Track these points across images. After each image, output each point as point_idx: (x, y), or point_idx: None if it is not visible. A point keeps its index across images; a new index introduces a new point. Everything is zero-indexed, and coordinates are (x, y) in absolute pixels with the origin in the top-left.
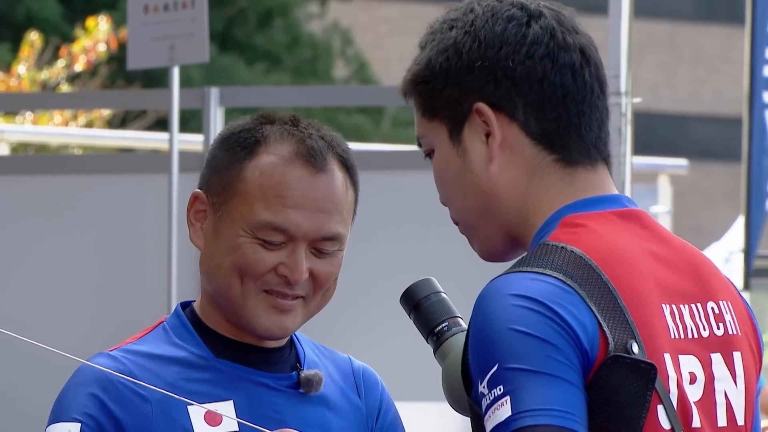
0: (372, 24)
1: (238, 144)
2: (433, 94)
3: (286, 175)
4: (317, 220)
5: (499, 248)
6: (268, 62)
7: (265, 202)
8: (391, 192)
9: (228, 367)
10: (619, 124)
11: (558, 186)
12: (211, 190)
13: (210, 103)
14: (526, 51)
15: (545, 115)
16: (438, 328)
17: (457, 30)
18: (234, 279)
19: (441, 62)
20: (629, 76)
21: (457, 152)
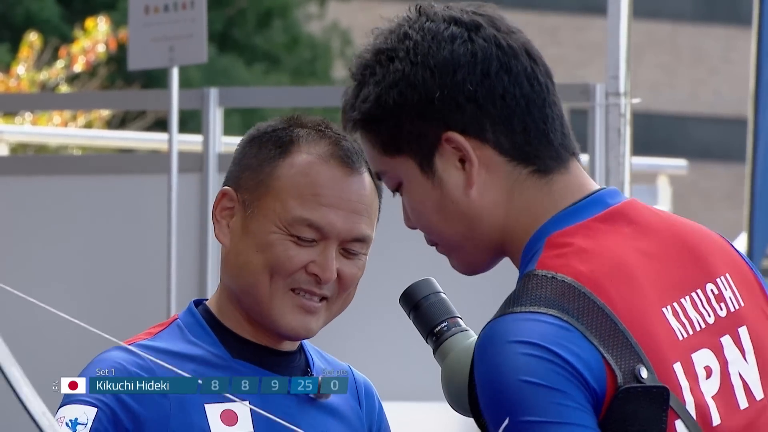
0: (371, 24)
1: (272, 142)
2: (391, 131)
3: (322, 174)
4: (350, 220)
5: (483, 264)
6: (267, 63)
7: (301, 199)
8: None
9: (244, 368)
10: (618, 124)
11: (538, 198)
12: (241, 187)
13: (209, 103)
14: (480, 69)
15: (513, 128)
16: (437, 328)
17: (400, 61)
18: (263, 276)
19: (394, 98)
20: (628, 76)
21: (432, 183)
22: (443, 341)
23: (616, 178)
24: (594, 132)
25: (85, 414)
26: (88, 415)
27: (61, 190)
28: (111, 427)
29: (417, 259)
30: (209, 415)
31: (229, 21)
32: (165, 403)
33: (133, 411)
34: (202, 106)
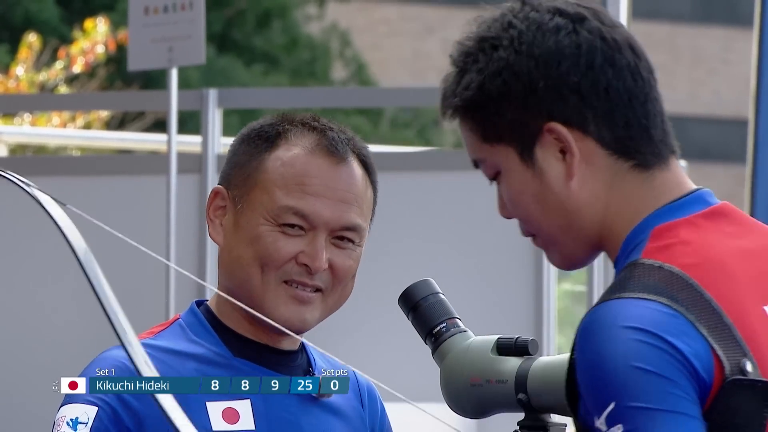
0: (370, 25)
1: (259, 137)
2: (492, 119)
3: (308, 164)
4: (338, 209)
5: (581, 258)
6: (266, 63)
7: (286, 189)
8: (390, 193)
9: (246, 367)
10: None
11: (639, 192)
12: (231, 184)
13: (208, 104)
14: (585, 61)
15: (616, 122)
16: (436, 329)
17: (504, 50)
18: (254, 269)
19: (498, 86)
20: None
21: (533, 173)
22: (442, 342)
23: None
24: None
25: (85, 413)
26: (88, 414)
27: (60, 191)
28: (112, 425)
29: (417, 260)
30: (210, 413)
31: (228, 22)
32: None
33: (134, 409)
34: (201, 107)
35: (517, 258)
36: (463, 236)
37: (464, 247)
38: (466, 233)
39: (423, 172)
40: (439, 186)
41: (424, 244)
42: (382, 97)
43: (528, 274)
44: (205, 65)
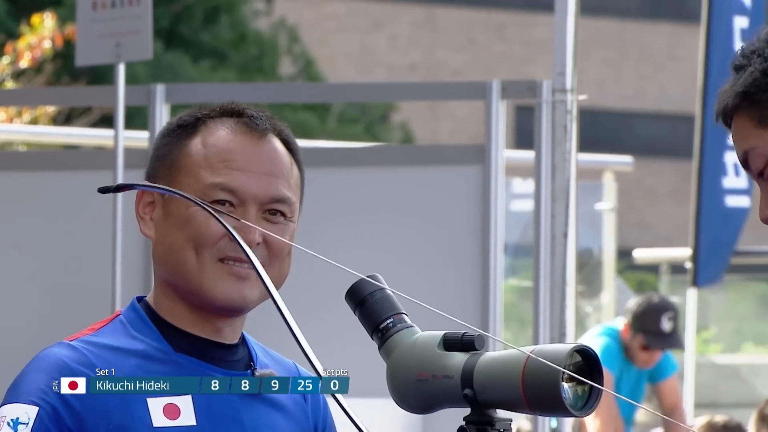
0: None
1: (180, 127)
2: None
3: (230, 142)
4: (264, 182)
5: None
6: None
7: (211, 169)
8: (338, 189)
9: (187, 362)
10: (564, 121)
11: None
12: (157, 177)
13: (156, 100)
14: None
15: None
16: (383, 325)
17: None
18: (189, 252)
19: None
20: (575, 73)
21: None
22: (388, 337)
23: (562, 174)
24: (540, 128)
25: (26, 413)
26: (29, 414)
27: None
28: (53, 426)
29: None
30: (152, 409)
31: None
32: (106, 396)
33: (75, 408)
34: (149, 102)
35: (463, 254)
36: (410, 232)
37: (411, 243)
38: (413, 229)
39: (370, 168)
40: (387, 182)
41: (371, 240)
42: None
43: (474, 269)
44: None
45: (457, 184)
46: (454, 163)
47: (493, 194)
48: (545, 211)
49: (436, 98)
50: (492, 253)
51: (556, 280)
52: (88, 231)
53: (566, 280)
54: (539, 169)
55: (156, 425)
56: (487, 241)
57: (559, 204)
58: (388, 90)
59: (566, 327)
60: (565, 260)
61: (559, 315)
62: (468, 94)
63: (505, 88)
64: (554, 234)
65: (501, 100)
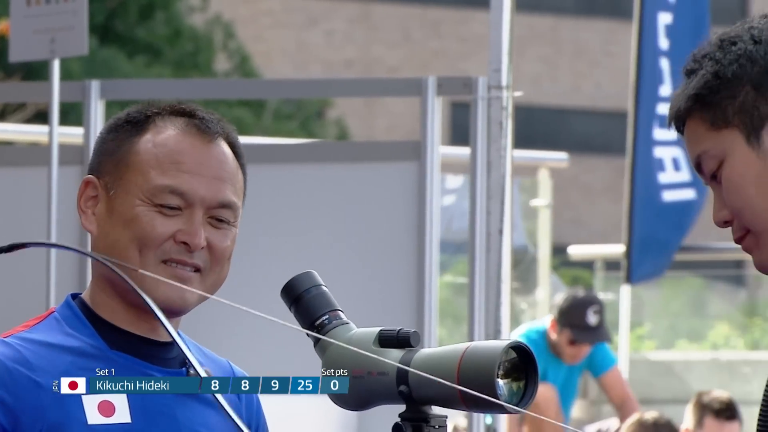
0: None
1: (128, 123)
2: (723, 102)
3: (180, 143)
4: (213, 186)
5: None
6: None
7: (161, 169)
8: (273, 185)
9: (122, 359)
10: (500, 117)
11: None
12: (102, 172)
13: (91, 96)
14: None
15: None
16: (318, 321)
17: (743, 42)
18: (132, 251)
19: (734, 70)
20: (510, 69)
21: (757, 155)
22: (324, 334)
23: (497, 171)
24: (476, 125)
25: None
26: None
27: None
28: None
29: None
30: (86, 406)
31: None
32: (41, 394)
33: (9, 406)
34: (84, 98)
35: (399, 250)
36: (346, 229)
37: (347, 240)
38: (348, 226)
39: (306, 165)
40: (322, 178)
41: (306, 237)
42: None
43: (410, 266)
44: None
45: (392, 180)
46: (390, 160)
47: (428, 191)
48: (480, 208)
49: (372, 94)
50: (427, 250)
51: (491, 276)
52: (23, 227)
53: (501, 276)
54: (475, 166)
55: (91, 423)
56: (423, 237)
57: (494, 201)
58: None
59: (501, 323)
60: (501, 257)
61: (495, 311)
62: (404, 91)
63: (441, 84)
64: (489, 231)
65: (437, 96)
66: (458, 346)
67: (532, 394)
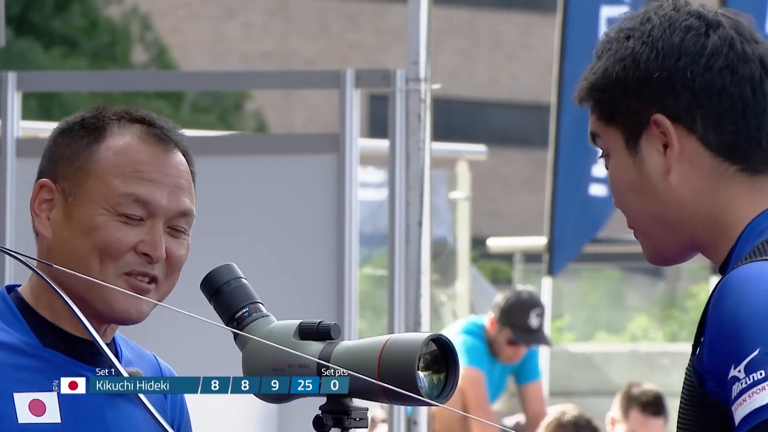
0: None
1: (84, 129)
2: (609, 102)
3: (141, 152)
4: (174, 195)
5: (673, 254)
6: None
7: (123, 177)
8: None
9: (55, 358)
10: (418, 110)
11: (749, 193)
12: (59, 177)
13: (7, 87)
14: (705, 62)
15: (724, 128)
16: (239, 314)
17: (634, 40)
18: (92, 261)
19: (618, 72)
20: (428, 62)
21: (633, 162)
22: (244, 327)
23: (416, 163)
24: (394, 117)
25: None
26: None
27: None
28: None
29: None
30: (17, 405)
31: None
32: None
33: None
34: (1, 90)
35: (318, 243)
36: (265, 221)
37: (266, 232)
38: (267, 218)
39: (224, 157)
40: (241, 171)
41: (225, 229)
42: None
43: (329, 258)
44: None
45: (311, 173)
46: (309, 152)
47: (348, 183)
48: (400, 200)
49: (290, 87)
50: (347, 242)
51: (410, 268)
52: None
53: (421, 268)
54: (393, 158)
55: (21, 422)
56: (342, 230)
57: (413, 193)
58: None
59: (421, 316)
60: (420, 249)
61: (414, 304)
62: (322, 83)
63: (359, 77)
64: (409, 223)
65: (355, 89)
66: (378, 339)
67: (453, 386)
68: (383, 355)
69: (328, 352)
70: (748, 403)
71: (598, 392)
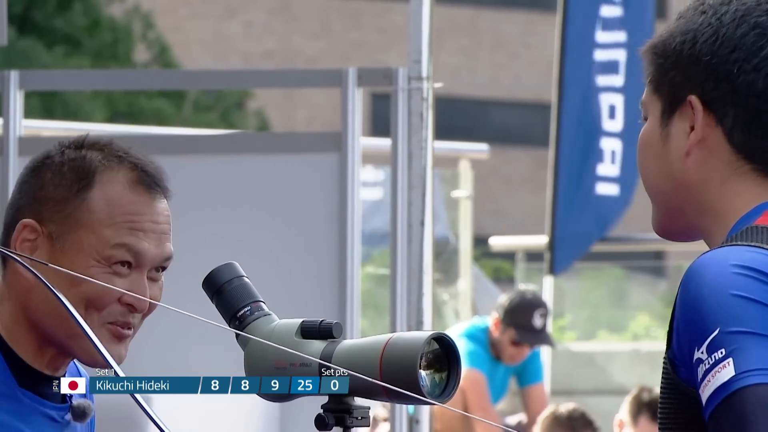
0: (172, 8)
1: (71, 171)
2: (660, 69)
3: (134, 203)
4: (161, 244)
5: (676, 231)
6: (68, 45)
7: (115, 228)
8: (193, 176)
9: (27, 399)
10: (420, 108)
11: (755, 190)
12: (45, 220)
13: (9, 86)
14: (756, 62)
15: (751, 130)
16: (241, 313)
17: (706, 17)
18: (78, 310)
19: (677, 43)
20: (430, 61)
21: (661, 133)
22: (246, 325)
23: (418, 162)
24: (396, 116)
25: None
26: None
27: None
28: None
29: (220, 243)
30: None
31: (28, 3)
32: None
33: None
34: (3, 89)
35: (320, 241)
36: (267, 220)
37: (268, 231)
38: (269, 217)
39: (226, 156)
40: (243, 170)
41: (227, 228)
42: (185, 80)
43: (332, 257)
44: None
45: (313, 171)
46: (311, 151)
47: (350, 182)
48: (402, 199)
49: (292, 85)
50: (349, 241)
51: (413, 267)
52: None
53: (423, 267)
54: (396, 157)
55: None
56: (344, 228)
57: (415, 192)
58: (243, 77)
59: (423, 314)
60: (422, 248)
61: (417, 303)
62: (324, 82)
63: (361, 75)
64: (411, 222)
65: (357, 87)
66: (380, 338)
67: (455, 385)
68: (385, 354)
69: (330, 351)
70: (711, 383)
71: (600, 391)
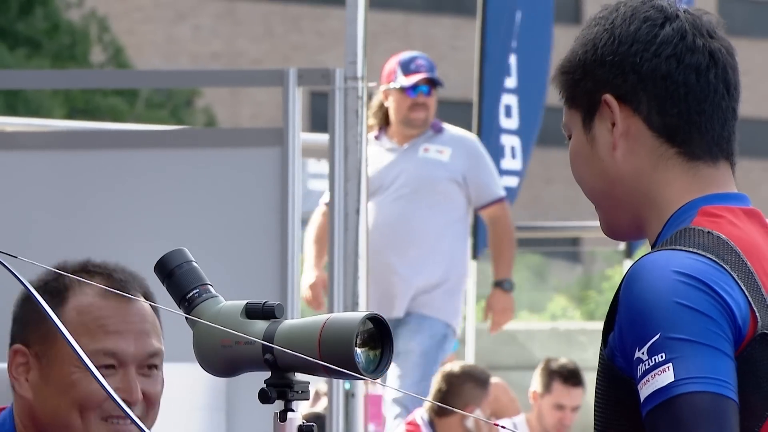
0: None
1: (48, 294)
2: (572, 84)
3: (103, 308)
4: (140, 341)
5: (621, 228)
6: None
7: (90, 335)
8: (145, 169)
9: None
10: (356, 106)
11: (683, 178)
12: (30, 342)
13: None
14: (654, 50)
15: (666, 110)
16: (189, 295)
17: (599, 27)
18: (74, 414)
19: (580, 55)
20: (365, 62)
21: (587, 139)
22: (195, 306)
23: (354, 155)
24: (334, 113)
25: None
26: None
27: None
28: None
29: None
30: None
31: None
32: None
33: None
34: None
35: (263, 229)
36: (214, 210)
37: (215, 220)
38: (216, 207)
39: (176, 150)
40: (191, 163)
41: (177, 217)
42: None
43: (274, 244)
44: None
45: (257, 164)
46: (255, 145)
47: (291, 174)
48: (339, 190)
49: (237, 85)
50: (290, 229)
51: (349, 253)
52: None
53: (358, 253)
54: (333, 151)
55: None
56: (285, 217)
57: (351, 183)
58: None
59: (359, 297)
60: (357, 235)
61: (352, 286)
62: (266, 81)
63: (301, 75)
64: (347, 211)
65: (297, 86)
66: (319, 318)
67: (388, 361)
68: (323, 333)
69: (273, 330)
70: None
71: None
